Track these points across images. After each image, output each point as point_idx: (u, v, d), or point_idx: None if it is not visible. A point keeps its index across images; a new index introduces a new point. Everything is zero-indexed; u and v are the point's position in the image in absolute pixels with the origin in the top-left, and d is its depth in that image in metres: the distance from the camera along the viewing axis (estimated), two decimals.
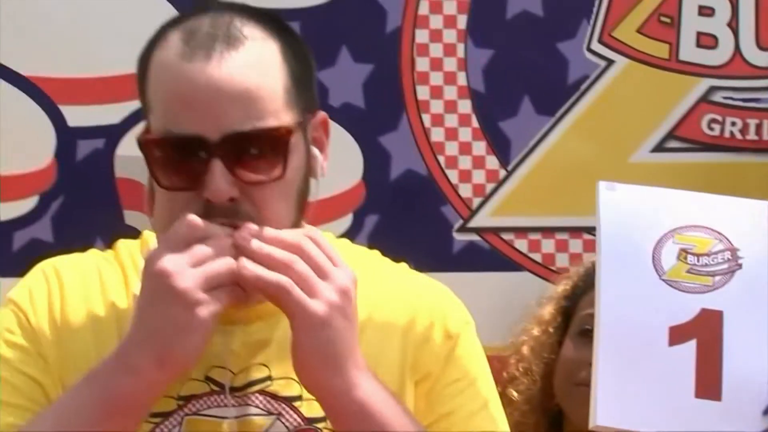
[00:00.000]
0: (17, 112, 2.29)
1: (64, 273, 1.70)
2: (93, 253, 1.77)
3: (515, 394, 2.23)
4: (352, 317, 1.55)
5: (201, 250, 1.51)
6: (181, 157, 1.54)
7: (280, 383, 1.62)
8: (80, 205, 2.32)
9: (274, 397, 1.63)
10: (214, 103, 1.52)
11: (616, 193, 1.88)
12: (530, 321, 2.29)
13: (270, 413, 1.62)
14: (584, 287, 2.22)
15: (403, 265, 1.83)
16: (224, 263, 1.50)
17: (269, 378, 1.63)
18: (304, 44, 1.66)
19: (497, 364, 2.24)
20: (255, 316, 1.62)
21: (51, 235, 2.31)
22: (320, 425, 1.61)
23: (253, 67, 1.54)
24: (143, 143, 1.57)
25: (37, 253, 2.19)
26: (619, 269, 1.76)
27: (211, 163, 1.52)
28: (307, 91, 1.63)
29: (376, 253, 1.86)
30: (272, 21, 1.63)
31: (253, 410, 1.62)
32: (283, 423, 1.62)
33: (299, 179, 1.60)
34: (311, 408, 1.62)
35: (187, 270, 1.49)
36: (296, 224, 1.61)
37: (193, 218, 1.52)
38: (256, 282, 1.52)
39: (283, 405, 1.63)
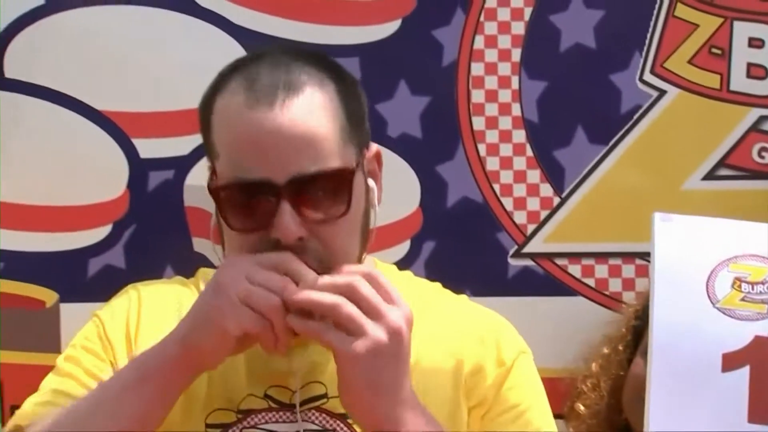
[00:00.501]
0: (92, 145, 2.36)
1: (144, 297, 1.82)
2: (177, 280, 1.89)
3: (582, 408, 2.27)
4: (401, 355, 1.59)
5: (265, 275, 1.58)
6: (250, 201, 1.62)
7: (336, 401, 1.67)
8: (151, 232, 2.37)
9: (330, 414, 1.70)
10: (279, 148, 1.59)
11: (671, 223, 1.93)
12: (599, 340, 2.32)
13: (326, 429, 1.70)
14: None
15: (463, 297, 1.91)
16: (273, 301, 1.56)
17: (325, 396, 1.71)
18: (356, 82, 1.75)
19: (551, 386, 2.29)
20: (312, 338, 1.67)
21: (123, 261, 2.36)
22: None
23: (313, 112, 1.62)
24: (213, 190, 1.65)
25: (110, 278, 2.32)
26: (672, 298, 1.80)
27: (280, 205, 1.59)
28: (361, 127, 1.71)
29: (437, 285, 1.92)
30: (324, 62, 1.71)
31: (310, 426, 1.70)
32: None
33: (361, 213, 1.70)
34: None
35: (243, 283, 1.56)
36: (361, 254, 1.71)
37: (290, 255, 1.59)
38: (298, 330, 1.59)
39: (339, 422, 1.71)
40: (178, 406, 1.67)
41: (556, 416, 2.30)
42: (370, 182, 1.74)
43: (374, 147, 1.77)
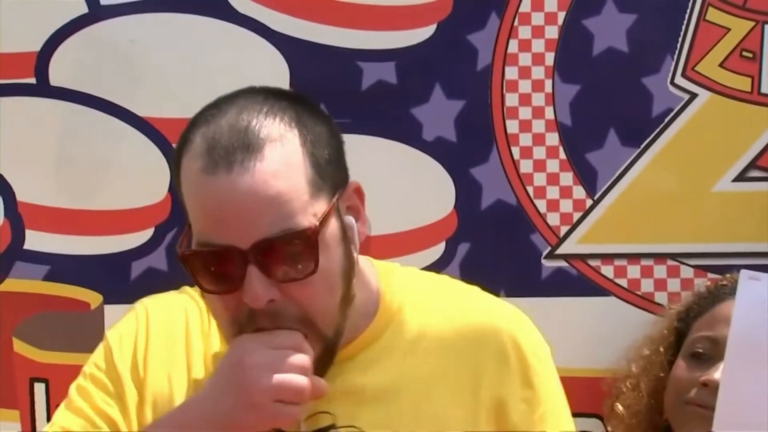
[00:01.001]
0: (135, 150, 2.40)
1: (153, 315, 1.80)
2: (186, 291, 1.84)
3: (621, 408, 2.28)
4: None
5: (287, 358, 1.58)
6: (218, 266, 1.60)
7: (345, 430, 1.69)
8: None
9: None
10: (241, 215, 1.56)
11: (758, 283, 1.96)
12: (641, 341, 2.33)
13: None
14: (698, 310, 2.28)
15: (476, 289, 1.89)
16: (301, 383, 1.58)
17: (333, 426, 1.70)
18: (326, 120, 1.68)
19: (583, 385, 2.32)
20: None
21: (165, 264, 2.40)
22: None
23: (275, 173, 1.56)
24: (180, 257, 1.62)
25: (152, 281, 2.36)
26: (746, 357, 1.84)
27: (247, 270, 1.57)
28: (334, 168, 1.65)
29: (444, 277, 1.92)
30: (291, 108, 1.64)
31: None
32: None
33: (337, 261, 1.64)
34: None
35: (266, 374, 1.56)
36: (344, 299, 1.67)
37: (301, 338, 1.60)
38: None
39: None
40: None
41: (592, 415, 2.35)
42: (349, 220, 1.67)
43: (353, 184, 1.70)
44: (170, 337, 1.76)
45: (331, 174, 1.63)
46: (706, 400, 2.13)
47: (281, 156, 1.57)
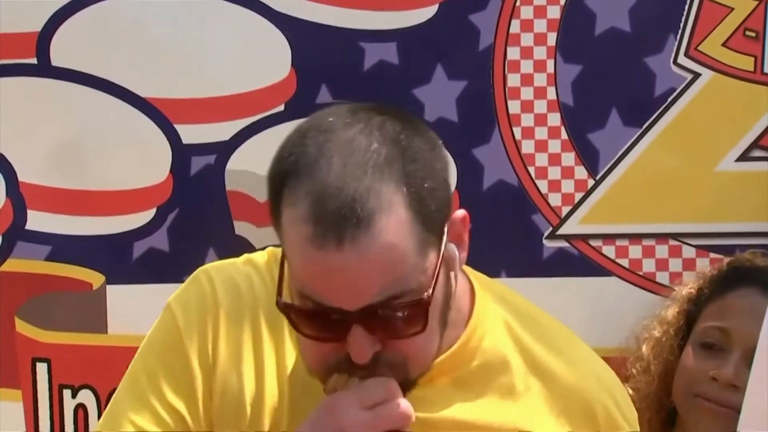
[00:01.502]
0: (136, 131, 2.41)
1: (220, 293, 1.71)
2: (248, 262, 1.76)
3: (630, 391, 2.22)
4: None
5: (388, 411, 1.56)
6: (321, 319, 1.55)
7: None
8: (194, 216, 2.42)
9: None
10: (350, 286, 1.51)
11: None
12: (652, 321, 2.31)
13: None
14: (709, 294, 2.27)
15: (584, 348, 1.79)
16: None
17: None
18: (433, 153, 1.58)
19: None
20: None
21: (167, 244, 2.41)
22: None
23: (385, 245, 1.51)
24: (282, 308, 1.58)
25: (154, 261, 2.38)
26: None
27: (352, 329, 1.53)
28: (441, 211, 1.58)
29: (565, 330, 1.82)
30: (397, 145, 1.55)
31: None
32: None
33: (439, 310, 1.59)
34: None
35: None
36: (441, 334, 1.62)
37: (393, 384, 1.57)
38: None
39: None
40: None
41: None
42: (452, 248, 1.61)
43: (459, 214, 1.62)
44: (238, 319, 1.71)
45: (439, 219, 1.57)
46: (715, 395, 2.13)
47: (391, 226, 1.51)
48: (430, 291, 1.54)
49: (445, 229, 1.58)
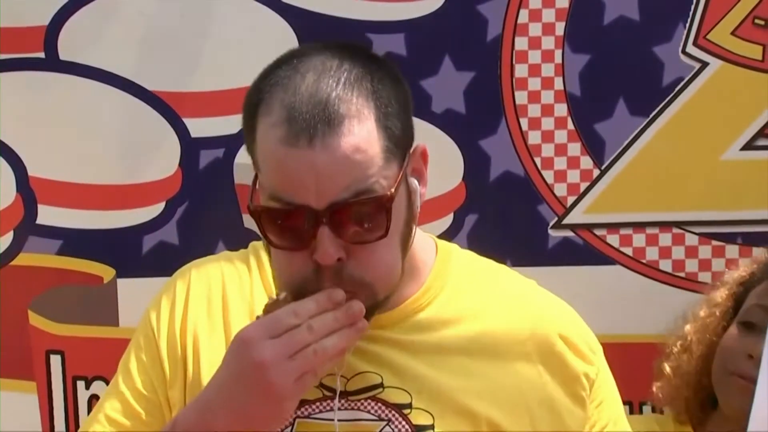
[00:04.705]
0: (145, 125, 2.41)
1: (193, 287, 1.83)
2: (224, 256, 1.89)
3: (667, 368, 2.28)
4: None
5: (300, 337, 1.61)
6: (290, 223, 1.65)
7: (392, 391, 1.71)
8: (203, 209, 2.44)
9: (385, 403, 1.72)
10: (318, 183, 1.61)
11: None
12: (699, 303, 2.31)
13: (380, 419, 1.72)
14: (761, 276, 2.25)
15: (532, 283, 1.91)
16: (319, 356, 1.60)
17: (381, 385, 1.72)
18: (399, 84, 1.71)
19: None
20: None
21: (177, 237, 2.43)
22: None
23: (353, 146, 1.61)
24: (253, 211, 1.68)
25: (164, 254, 2.41)
26: None
27: (319, 230, 1.62)
28: (405, 134, 1.69)
29: (504, 267, 1.92)
30: (367, 70, 1.67)
31: (364, 415, 1.72)
32: (392, 429, 1.71)
33: (401, 226, 1.69)
34: (419, 416, 1.71)
35: (284, 363, 1.59)
36: (403, 257, 1.70)
37: (302, 308, 1.62)
38: None
39: (393, 412, 1.72)
40: None
41: None
42: (413, 183, 1.73)
43: (419, 147, 1.75)
44: (209, 305, 1.80)
45: (402, 141, 1.68)
46: (750, 373, 2.11)
47: (359, 131, 1.62)
48: (393, 190, 1.64)
49: (408, 154, 1.69)
